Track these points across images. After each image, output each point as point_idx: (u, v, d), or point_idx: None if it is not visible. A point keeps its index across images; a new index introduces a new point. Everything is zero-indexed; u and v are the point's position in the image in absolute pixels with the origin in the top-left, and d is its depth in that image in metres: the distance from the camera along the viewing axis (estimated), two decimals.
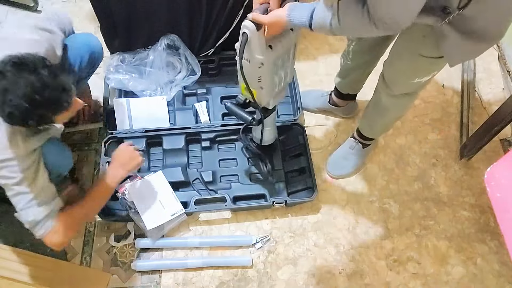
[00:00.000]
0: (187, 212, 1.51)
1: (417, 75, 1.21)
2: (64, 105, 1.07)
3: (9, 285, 1.40)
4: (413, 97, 1.34)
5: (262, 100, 1.28)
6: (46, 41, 1.19)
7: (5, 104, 0.99)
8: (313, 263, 1.52)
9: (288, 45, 1.18)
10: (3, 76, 0.99)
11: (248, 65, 1.14)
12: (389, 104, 1.36)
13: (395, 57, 1.23)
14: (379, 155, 1.75)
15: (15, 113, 1.00)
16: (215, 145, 1.70)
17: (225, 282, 1.47)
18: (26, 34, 1.17)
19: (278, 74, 1.24)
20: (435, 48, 1.08)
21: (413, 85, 1.25)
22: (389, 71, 1.28)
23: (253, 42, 1.07)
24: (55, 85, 1.03)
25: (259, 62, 1.12)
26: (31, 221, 1.15)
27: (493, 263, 1.54)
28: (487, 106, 1.88)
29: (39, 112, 1.03)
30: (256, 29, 1.04)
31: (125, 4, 1.61)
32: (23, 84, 0.99)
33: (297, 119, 1.71)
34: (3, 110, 1.00)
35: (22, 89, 0.99)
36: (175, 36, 1.73)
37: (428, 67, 1.18)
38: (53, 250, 1.47)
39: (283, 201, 1.53)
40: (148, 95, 1.73)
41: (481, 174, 1.71)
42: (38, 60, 1.03)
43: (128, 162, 1.38)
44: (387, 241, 1.57)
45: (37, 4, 2.05)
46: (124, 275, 1.47)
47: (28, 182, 1.12)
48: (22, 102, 0.99)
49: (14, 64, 1.00)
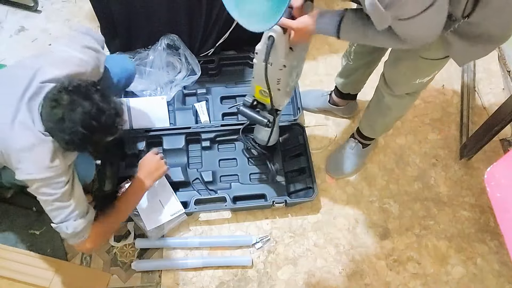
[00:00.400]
0: (187, 212, 1.51)
1: (418, 76, 1.21)
2: (119, 128, 1.09)
3: (9, 285, 1.41)
4: (415, 97, 1.35)
5: (278, 102, 1.28)
6: (93, 60, 1.20)
7: (63, 132, 1.00)
8: (313, 263, 1.52)
9: (305, 45, 1.19)
10: (58, 104, 1.00)
11: (270, 68, 1.13)
12: (391, 104, 1.36)
13: (396, 59, 1.23)
14: (379, 155, 1.75)
15: (74, 140, 1.02)
16: (215, 145, 1.70)
17: (225, 282, 1.47)
18: (75, 52, 1.18)
19: (292, 75, 1.24)
20: (437, 50, 1.08)
21: (414, 85, 1.25)
22: (390, 72, 1.28)
23: (279, 45, 1.07)
24: (109, 109, 1.05)
25: (282, 65, 1.12)
26: (71, 233, 1.17)
27: (493, 263, 1.54)
28: (487, 106, 1.88)
29: (96, 138, 1.05)
30: (282, 32, 1.03)
31: (125, 4, 1.61)
32: (79, 112, 1.00)
33: (297, 119, 1.71)
34: (62, 138, 1.02)
35: (79, 117, 1.00)
36: (175, 36, 1.73)
37: (430, 68, 1.18)
38: (53, 250, 1.48)
39: (283, 201, 1.53)
40: (148, 95, 1.73)
41: (481, 174, 1.71)
42: (90, 85, 1.05)
43: (154, 172, 1.41)
44: (387, 241, 1.57)
45: (37, 4, 2.04)
46: (124, 275, 1.47)
47: (67, 196, 1.13)
48: (79, 129, 1.00)
49: (69, 92, 1.01)
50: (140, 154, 1.63)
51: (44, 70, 1.10)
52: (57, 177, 1.09)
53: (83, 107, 1.01)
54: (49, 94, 1.03)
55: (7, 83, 1.10)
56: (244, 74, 1.88)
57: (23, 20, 2.03)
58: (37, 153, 1.06)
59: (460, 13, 0.93)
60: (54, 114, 1.00)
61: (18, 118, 1.05)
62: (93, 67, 1.19)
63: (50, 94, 1.03)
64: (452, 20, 0.96)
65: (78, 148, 1.06)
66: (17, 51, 1.93)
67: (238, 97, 1.80)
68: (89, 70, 1.18)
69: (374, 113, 1.47)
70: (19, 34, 1.98)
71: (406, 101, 1.35)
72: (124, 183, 1.53)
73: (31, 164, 1.06)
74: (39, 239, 1.50)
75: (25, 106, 1.05)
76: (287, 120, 1.71)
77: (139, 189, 1.37)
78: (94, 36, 1.32)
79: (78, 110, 1.00)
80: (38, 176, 1.06)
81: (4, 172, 1.29)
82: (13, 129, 1.04)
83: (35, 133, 1.05)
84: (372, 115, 1.50)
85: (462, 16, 0.93)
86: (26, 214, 1.53)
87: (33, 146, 1.05)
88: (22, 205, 1.54)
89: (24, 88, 1.06)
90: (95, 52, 1.24)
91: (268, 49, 1.06)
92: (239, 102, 1.65)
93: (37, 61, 1.13)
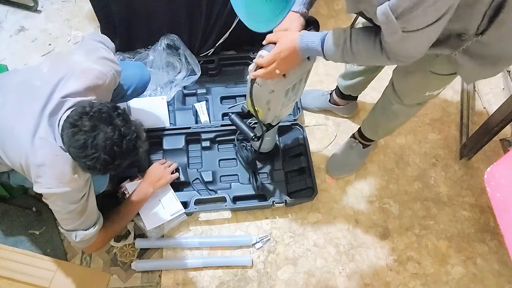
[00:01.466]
0: (187, 212, 1.51)
1: (428, 90, 1.22)
2: (140, 151, 1.08)
3: (9, 285, 1.41)
4: (423, 105, 1.35)
5: (267, 119, 1.29)
6: (110, 71, 1.20)
7: (86, 158, 1.00)
8: (313, 263, 1.52)
9: (302, 72, 1.17)
10: (80, 130, 0.99)
11: (259, 89, 1.13)
12: (399, 111, 1.36)
13: (406, 72, 1.22)
14: (379, 155, 1.75)
15: (96, 165, 1.01)
16: (215, 145, 1.70)
17: (225, 282, 1.47)
18: (94, 64, 1.17)
19: (288, 96, 1.23)
20: (448, 65, 1.07)
21: (424, 97, 1.26)
22: (400, 84, 1.27)
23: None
24: (131, 134, 1.04)
25: (270, 90, 1.12)
26: (78, 241, 1.21)
27: (493, 263, 1.54)
28: (487, 106, 1.88)
29: (118, 162, 1.04)
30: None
31: (125, 4, 1.61)
32: (101, 138, 0.99)
33: (297, 119, 1.71)
34: (85, 164, 1.01)
35: (101, 143, 0.99)
36: (175, 36, 1.73)
37: (440, 82, 1.18)
38: (53, 250, 1.48)
39: (283, 201, 1.53)
40: (148, 95, 1.73)
41: (481, 174, 1.71)
42: (111, 109, 1.03)
43: (158, 181, 1.46)
44: (387, 241, 1.57)
45: (37, 4, 2.04)
46: (124, 275, 1.47)
47: (80, 209, 1.14)
48: (102, 155, 1.00)
49: (90, 117, 1.00)
50: None
51: (63, 84, 1.09)
52: (75, 192, 1.10)
53: (105, 133, 0.99)
54: (70, 119, 1.01)
55: (26, 95, 1.09)
56: (244, 74, 1.88)
57: (23, 20, 2.03)
58: (57, 168, 1.06)
59: (473, 30, 0.91)
60: (76, 140, 0.99)
61: (38, 133, 1.05)
62: (110, 78, 1.19)
63: (70, 118, 1.01)
64: (462, 40, 0.94)
65: (99, 172, 1.05)
66: (17, 51, 1.93)
67: (238, 97, 1.80)
68: (107, 81, 1.17)
69: (380, 117, 1.46)
70: (19, 34, 1.98)
71: (415, 110, 1.36)
72: (124, 183, 1.53)
73: (51, 178, 1.06)
74: (39, 239, 1.50)
75: (46, 121, 1.05)
76: (287, 120, 1.71)
77: (142, 195, 1.43)
78: (108, 45, 1.32)
79: (100, 137, 0.99)
80: (58, 190, 1.07)
81: (13, 174, 1.29)
82: (34, 145, 1.04)
83: (56, 149, 1.05)
84: (377, 119, 1.49)
85: (476, 33, 0.91)
86: (26, 214, 1.53)
87: (54, 162, 1.05)
88: (22, 205, 1.55)
89: (44, 102, 1.06)
90: (112, 62, 1.23)
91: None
92: (239, 102, 1.66)
93: (56, 72, 1.11)
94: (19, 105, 1.09)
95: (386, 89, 1.37)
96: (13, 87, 1.13)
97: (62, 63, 1.17)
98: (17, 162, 1.09)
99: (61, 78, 1.09)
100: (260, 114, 1.26)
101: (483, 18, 0.88)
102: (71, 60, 1.19)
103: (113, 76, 1.20)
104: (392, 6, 0.76)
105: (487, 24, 0.89)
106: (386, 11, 0.77)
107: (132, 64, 1.54)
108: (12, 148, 1.09)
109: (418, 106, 1.33)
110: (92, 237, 1.23)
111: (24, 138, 1.05)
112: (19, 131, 1.06)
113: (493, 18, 0.88)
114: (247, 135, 1.33)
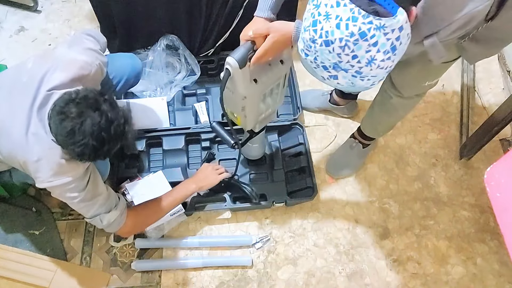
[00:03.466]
0: (187, 212, 1.51)
1: (428, 79, 1.22)
2: (129, 136, 1.08)
3: (9, 285, 1.41)
4: (422, 97, 1.35)
5: (246, 126, 1.26)
6: (95, 61, 1.19)
7: (74, 145, 1.00)
8: (313, 263, 1.52)
9: (277, 77, 1.13)
10: (67, 117, 0.99)
11: (231, 96, 1.11)
12: (398, 105, 1.36)
13: (405, 64, 1.20)
14: (379, 155, 1.75)
15: (85, 151, 1.01)
16: (215, 145, 1.70)
17: (225, 282, 1.47)
18: (77, 55, 1.17)
19: (266, 102, 1.21)
20: (450, 52, 1.06)
21: (423, 87, 1.26)
22: (399, 76, 1.27)
23: (235, 78, 1.04)
24: (118, 119, 1.04)
25: (242, 96, 1.09)
26: (106, 225, 1.21)
27: (493, 263, 1.54)
28: (487, 106, 1.88)
29: (107, 147, 1.04)
30: (238, 66, 1.00)
31: (125, 4, 1.61)
32: (89, 124, 0.99)
33: (297, 119, 1.71)
34: (73, 151, 1.01)
35: (89, 129, 0.99)
36: (174, 37, 1.73)
37: (440, 70, 1.18)
38: (53, 250, 1.48)
39: (283, 201, 1.53)
40: (148, 96, 1.73)
41: (481, 174, 1.70)
42: (97, 95, 1.03)
43: (202, 180, 1.45)
44: (387, 241, 1.57)
45: (37, 4, 2.05)
46: (124, 275, 1.47)
47: (91, 195, 1.14)
48: (90, 141, 0.99)
49: (77, 103, 1.00)
50: (140, 154, 1.63)
51: (49, 77, 1.09)
52: (78, 181, 1.10)
53: (92, 119, 0.99)
54: (57, 107, 1.01)
55: (15, 92, 1.09)
56: None
57: (23, 20, 2.03)
58: (53, 161, 1.06)
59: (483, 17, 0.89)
60: (63, 127, 0.99)
61: (30, 129, 1.05)
62: (96, 69, 1.19)
63: (57, 106, 1.01)
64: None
65: (89, 159, 1.05)
66: (17, 51, 1.93)
67: None
68: (93, 71, 1.17)
69: (379, 113, 1.46)
70: (19, 34, 1.99)
71: (414, 102, 1.36)
72: (124, 183, 1.53)
73: (50, 172, 1.06)
74: (39, 239, 1.50)
75: (36, 116, 1.05)
76: (286, 119, 1.71)
77: (183, 190, 1.40)
78: (97, 37, 1.32)
79: (87, 122, 0.99)
80: (59, 182, 1.07)
81: (14, 172, 1.29)
82: (28, 142, 1.05)
83: (49, 142, 1.04)
84: (376, 116, 1.49)
85: (485, 19, 0.90)
86: (26, 214, 1.53)
87: (48, 155, 1.05)
88: (22, 205, 1.55)
89: (33, 97, 1.06)
90: (97, 53, 1.23)
91: (224, 80, 1.03)
92: None
93: (40, 66, 1.11)
94: (10, 103, 1.09)
95: (383, 84, 1.36)
96: (2, 86, 1.13)
97: (47, 57, 1.16)
98: (15, 161, 1.09)
99: (46, 72, 1.09)
100: (239, 121, 1.23)
101: (492, 4, 0.86)
102: (55, 53, 1.19)
103: (98, 66, 1.20)
104: None
105: (496, 10, 0.88)
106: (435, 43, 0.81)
107: (122, 54, 1.51)
108: (7, 147, 1.09)
109: (417, 98, 1.33)
110: (118, 219, 1.21)
111: (18, 136, 1.05)
112: (13, 130, 1.06)
113: (502, 3, 0.87)
114: (228, 143, 1.32)
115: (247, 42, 1.03)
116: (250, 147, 1.48)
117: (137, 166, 1.62)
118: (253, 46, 1.03)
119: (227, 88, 1.08)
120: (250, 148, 1.49)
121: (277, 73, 1.12)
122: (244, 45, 1.03)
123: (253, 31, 1.01)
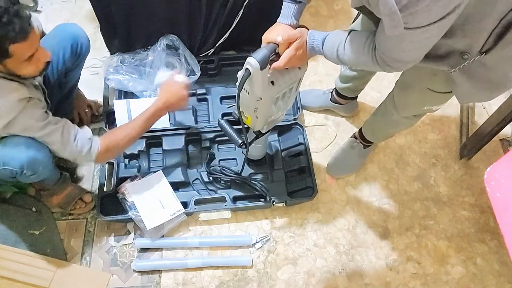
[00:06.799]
0: (187, 212, 1.51)
1: (427, 105, 1.23)
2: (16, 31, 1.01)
3: (9, 285, 1.41)
4: (420, 117, 1.37)
5: (255, 127, 1.27)
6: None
7: None
8: (313, 263, 1.52)
9: (292, 81, 1.15)
10: None
11: (247, 96, 1.12)
12: (400, 121, 1.37)
13: (405, 87, 1.22)
14: (379, 155, 1.75)
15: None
16: (215, 145, 1.70)
17: (225, 282, 1.47)
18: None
19: (278, 104, 1.22)
20: (445, 83, 1.06)
21: (422, 111, 1.28)
22: (400, 98, 1.28)
23: (254, 79, 1.04)
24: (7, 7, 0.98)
25: (258, 97, 1.10)
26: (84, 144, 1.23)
27: (493, 263, 1.54)
28: (487, 106, 1.88)
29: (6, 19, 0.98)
30: (260, 68, 1.00)
31: (125, 4, 1.61)
32: None
33: (297, 119, 1.71)
34: None
35: None
36: (174, 37, 1.73)
37: (438, 99, 1.18)
38: (53, 250, 1.48)
39: (283, 201, 1.53)
40: (148, 96, 1.73)
41: (481, 174, 1.71)
42: None
43: (170, 98, 1.39)
44: (387, 241, 1.57)
45: (37, 4, 2.04)
46: (124, 275, 1.47)
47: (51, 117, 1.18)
48: None
49: None
50: (140, 154, 1.63)
51: None
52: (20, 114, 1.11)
53: None
54: None
55: None
56: None
57: None
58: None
59: (478, 48, 0.89)
60: None
61: None
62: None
63: None
64: (464, 58, 0.93)
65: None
66: None
67: None
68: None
69: (381, 123, 1.47)
70: None
71: (414, 121, 1.38)
72: (124, 183, 1.53)
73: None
74: (39, 239, 1.50)
75: None
76: (286, 119, 1.71)
77: (152, 109, 1.37)
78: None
79: None
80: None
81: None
82: None
83: None
84: (377, 124, 1.50)
85: (480, 51, 0.89)
86: (26, 214, 1.53)
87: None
88: (22, 205, 1.55)
89: None
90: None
91: (243, 80, 1.03)
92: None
93: None
94: None
95: (387, 99, 1.37)
96: None
97: None
98: None
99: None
100: (249, 121, 1.24)
101: (489, 35, 0.86)
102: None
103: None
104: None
105: (493, 43, 0.87)
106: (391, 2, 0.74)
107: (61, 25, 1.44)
108: None
109: (415, 118, 1.35)
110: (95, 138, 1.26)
111: None
112: None
113: (501, 36, 0.86)
114: (235, 142, 1.32)
115: (270, 44, 1.03)
116: (253, 147, 1.48)
117: (137, 166, 1.62)
118: (275, 48, 1.03)
119: (243, 89, 1.09)
120: (254, 148, 1.50)
121: (293, 77, 1.13)
122: (267, 46, 1.03)
123: (282, 37, 1.01)
